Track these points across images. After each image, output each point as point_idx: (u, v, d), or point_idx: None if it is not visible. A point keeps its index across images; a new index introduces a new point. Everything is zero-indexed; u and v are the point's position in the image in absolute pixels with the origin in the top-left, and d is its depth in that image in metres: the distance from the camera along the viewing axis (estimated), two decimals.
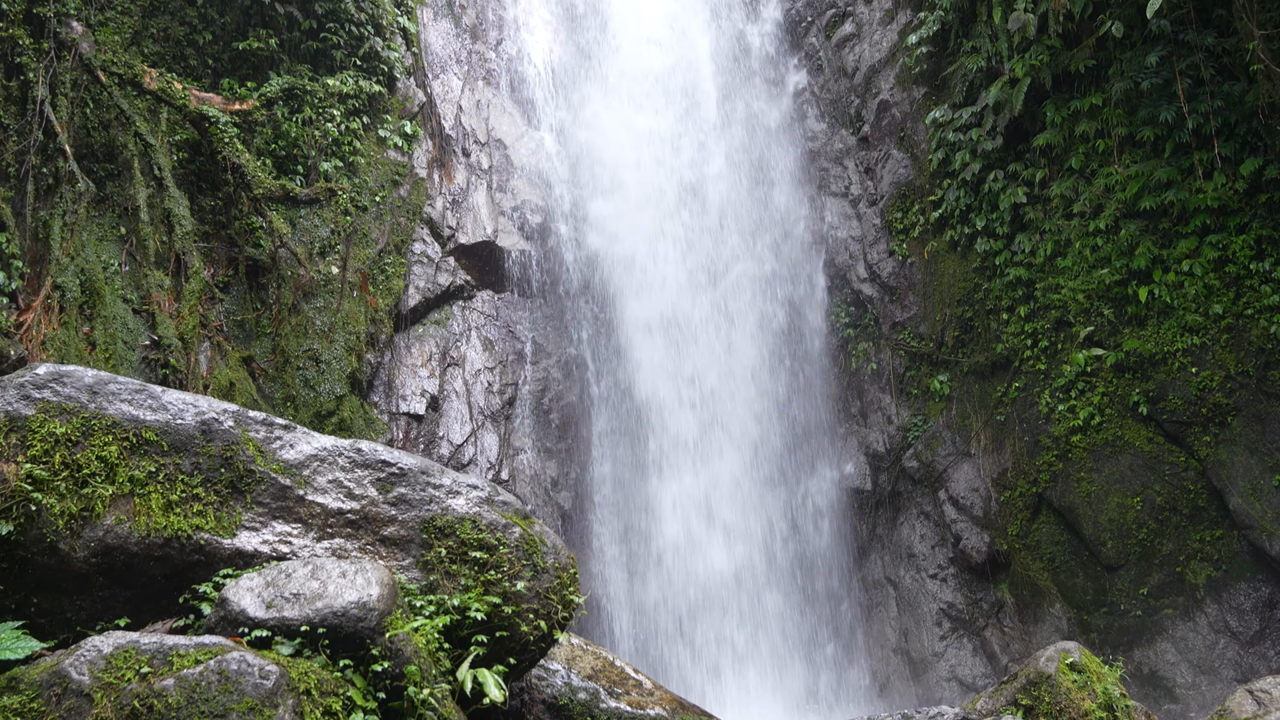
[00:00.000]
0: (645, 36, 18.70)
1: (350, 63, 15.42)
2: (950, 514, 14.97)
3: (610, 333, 16.76)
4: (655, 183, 17.56)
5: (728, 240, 17.50)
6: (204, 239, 13.43)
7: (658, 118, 18.08)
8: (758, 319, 17.10)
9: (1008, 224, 14.83)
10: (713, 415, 16.52)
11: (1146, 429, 13.06)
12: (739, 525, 16.02)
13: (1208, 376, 12.47)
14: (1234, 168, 12.50)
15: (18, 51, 12.18)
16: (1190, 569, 12.54)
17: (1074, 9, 13.59)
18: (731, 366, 16.79)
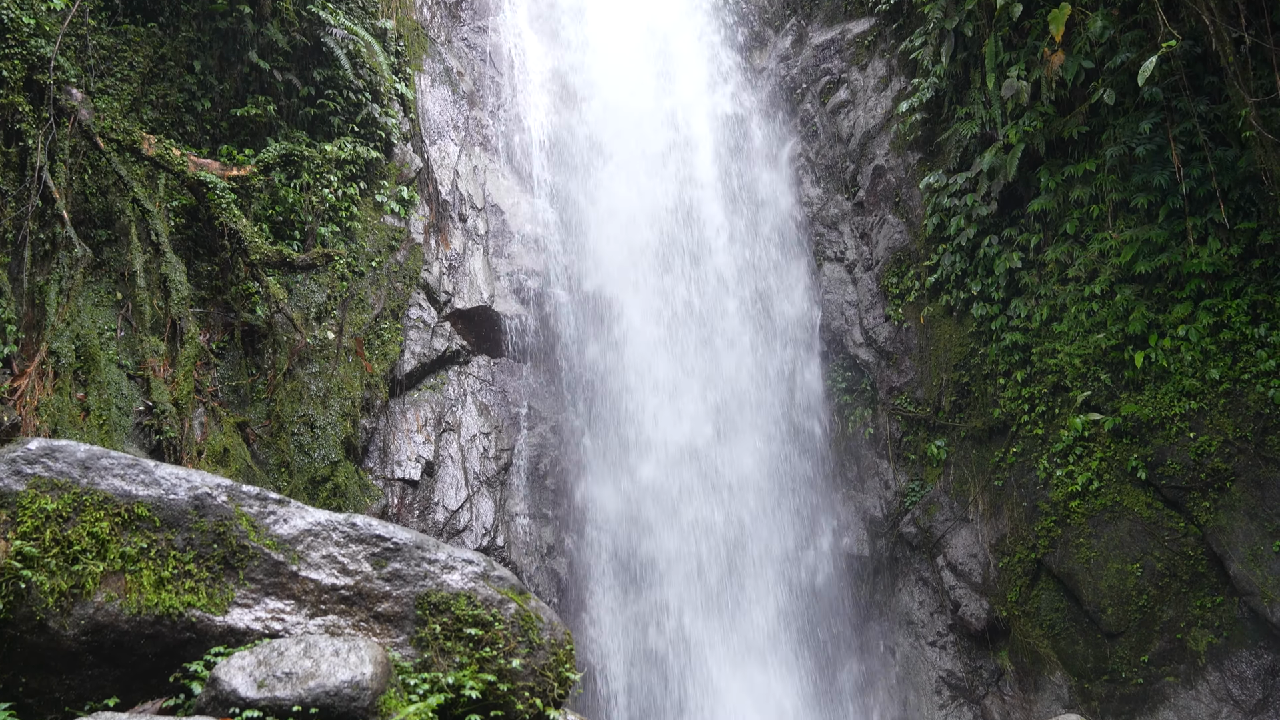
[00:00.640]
0: (640, 104, 18.86)
1: (348, 129, 15.52)
2: (949, 580, 14.85)
3: (605, 398, 16.74)
4: (650, 248, 17.63)
5: (723, 305, 17.53)
6: (200, 304, 13.42)
7: (653, 184, 18.18)
8: (754, 383, 17.09)
9: (1003, 289, 14.86)
10: (708, 482, 16.45)
11: (1145, 494, 13.00)
12: (736, 594, 15.90)
13: (1206, 441, 12.43)
14: (1228, 233, 12.55)
15: (17, 118, 12.23)
16: (1191, 636, 12.42)
17: (1066, 76, 13.71)
18: (727, 433, 16.75)
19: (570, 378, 16.74)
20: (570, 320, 16.97)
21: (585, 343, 16.98)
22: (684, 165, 18.54)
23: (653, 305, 17.24)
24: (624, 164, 18.35)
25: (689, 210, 18.13)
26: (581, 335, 16.99)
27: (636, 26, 19.98)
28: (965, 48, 15.64)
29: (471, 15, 19.21)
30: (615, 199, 17.95)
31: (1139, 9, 13.28)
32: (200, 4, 14.26)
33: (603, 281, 17.36)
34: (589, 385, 16.80)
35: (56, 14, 12.86)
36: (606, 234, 17.71)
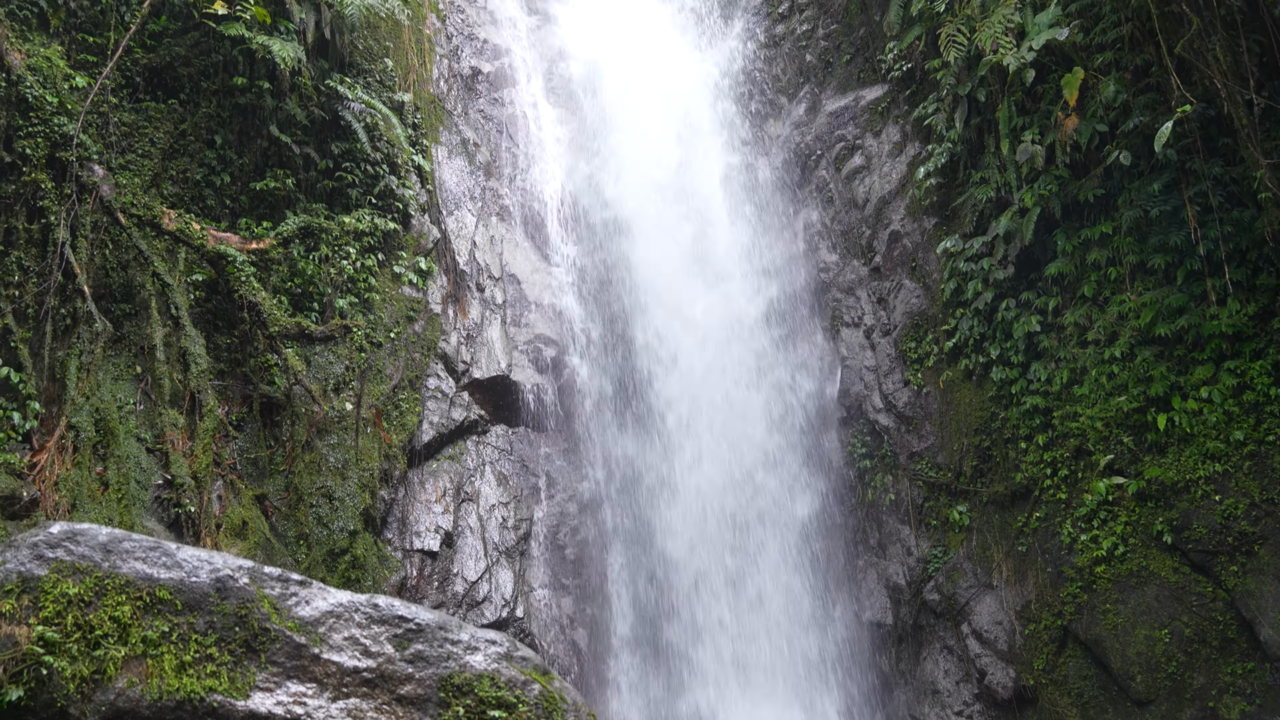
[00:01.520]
0: (656, 176, 19.01)
1: (366, 201, 15.64)
2: (974, 648, 14.65)
3: (624, 467, 16.70)
4: (666, 318, 17.68)
5: (740, 373, 17.53)
6: (219, 377, 13.47)
7: (668, 254, 18.26)
8: (773, 452, 17.03)
9: (1022, 352, 14.80)
10: (728, 551, 16.35)
11: (1172, 558, 12.83)
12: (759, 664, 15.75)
13: (1232, 504, 12.29)
14: (1247, 293, 12.50)
15: (40, 195, 12.37)
16: (1223, 704, 12.19)
17: (1080, 140, 13.74)
18: (747, 501, 16.67)
19: (589, 447, 16.71)
20: (588, 389, 16.97)
21: (603, 411, 16.96)
22: (700, 233, 18.63)
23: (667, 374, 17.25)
24: (641, 232, 18.45)
25: (707, 281, 18.19)
26: (598, 402, 16.98)
27: (651, 96, 20.18)
28: (979, 113, 15.72)
29: (487, 87, 19.43)
30: (630, 268, 18.04)
31: (1151, 72, 13.35)
32: (221, 81, 14.45)
33: (621, 352, 17.37)
34: (607, 455, 16.76)
35: (79, 92, 13.05)
36: (621, 303, 17.76)
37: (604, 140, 19.50)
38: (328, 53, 15.79)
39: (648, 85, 20.29)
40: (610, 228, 18.51)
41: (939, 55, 15.97)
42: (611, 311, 17.79)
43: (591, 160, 19.27)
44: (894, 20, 17.51)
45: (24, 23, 13.10)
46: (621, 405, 17.16)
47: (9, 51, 12.37)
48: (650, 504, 16.57)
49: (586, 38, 21.22)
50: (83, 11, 13.66)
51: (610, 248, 18.32)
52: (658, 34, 21.67)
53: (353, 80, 16.06)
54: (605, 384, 17.17)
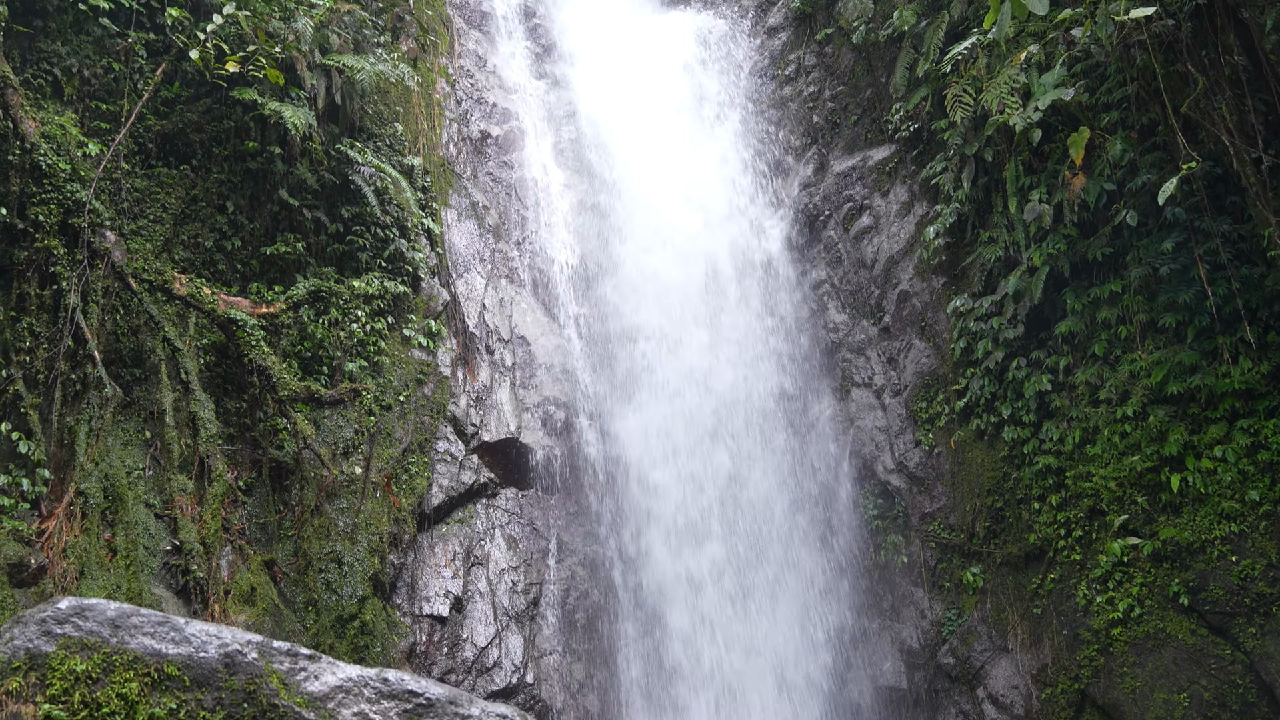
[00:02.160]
0: (664, 237, 19.08)
1: (376, 264, 15.69)
2: (990, 713, 14.45)
3: (634, 530, 16.60)
4: (675, 378, 17.67)
5: (749, 435, 17.47)
6: (228, 441, 13.45)
7: (677, 314, 18.28)
8: (783, 514, 16.93)
9: (1034, 412, 14.73)
10: (739, 616, 16.20)
11: (1189, 620, 12.67)
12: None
13: (1249, 565, 12.16)
14: (1259, 351, 12.45)
15: (52, 262, 12.42)
16: None
17: (1088, 199, 13.77)
18: (756, 563, 16.54)
19: (599, 510, 16.63)
20: (598, 452, 16.92)
21: (613, 473, 16.90)
22: (708, 292, 18.65)
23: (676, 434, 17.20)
24: (649, 293, 18.47)
25: (714, 340, 18.19)
26: (608, 466, 16.92)
27: (660, 157, 20.30)
28: (986, 172, 15.77)
29: (497, 151, 19.57)
30: (639, 328, 18.06)
31: (1158, 131, 13.40)
32: (232, 146, 14.56)
33: (629, 409, 17.35)
34: (616, 518, 16.67)
35: (92, 159, 13.15)
36: (630, 363, 17.77)
37: (612, 202, 19.59)
38: (338, 118, 15.91)
39: (656, 147, 20.42)
40: (619, 289, 18.55)
41: (945, 115, 16.06)
42: (619, 373, 17.78)
43: (600, 222, 19.34)
44: (900, 81, 17.63)
45: (39, 91, 13.24)
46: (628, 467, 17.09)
47: (24, 120, 12.48)
48: (661, 567, 16.44)
49: (595, 100, 21.39)
50: (96, 80, 13.80)
51: (619, 308, 18.33)
52: (665, 96, 21.83)
53: (363, 145, 16.17)
54: (613, 447, 17.12)
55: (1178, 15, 12.44)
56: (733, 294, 18.78)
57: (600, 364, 17.82)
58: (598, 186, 19.85)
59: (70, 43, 13.56)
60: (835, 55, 20.41)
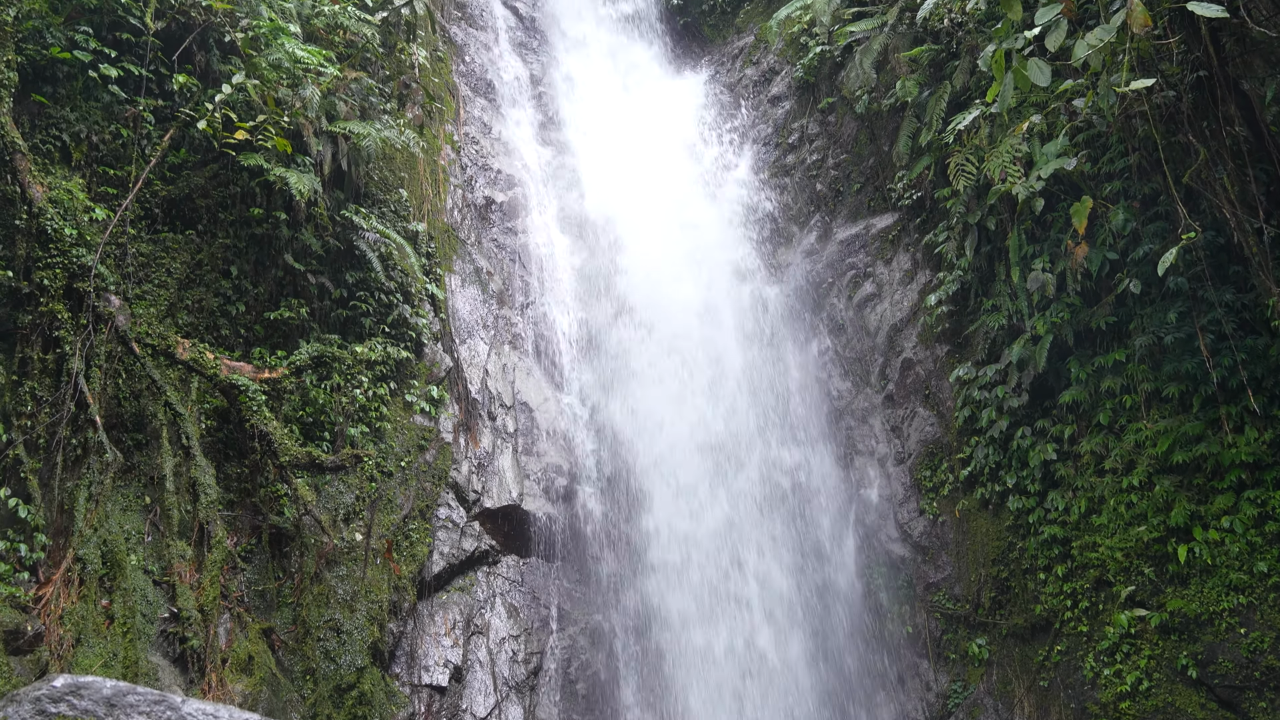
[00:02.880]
0: (667, 304, 19.11)
1: (379, 330, 15.70)
2: None
3: (636, 600, 16.46)
4: (677, 445, 17.62)
5: (752, 503, 17.39)
6: (228, 507, 13.37)
7: (679, 381, 18.28)
8: (788, 585, 16.80)
9: (1039, 481, 14.66)
10: (743, 686, 16.02)
11: (1198, 694, 12.51)
12: None
13: (1258, 638, 12.02)
14: (1264, 421, 12.41)
15: (56, 326, 12.42)
16: None
17: (1091, 268, 13.81)
18: (760, 636, 16.38)
19: (599, 577, 16.50)
20: (600, 520, 16.83)
21: (616, 543, 16.79)
22: (710, 361, 18.65)
23: (680, 501, 17.13)
24: (652, 361, 18.48)
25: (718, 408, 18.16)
26: (612, 536, 16.81)
27: (663, 224, 20.41)
28: (989, 241, 15.83)
29: (501, 217, 19.66)
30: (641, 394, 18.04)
31: (1160, 201, 13.46)
32: (238, 211, 14.63)
33: (630, 477, 17.28)
34: (618, 587, 16.53)
35: (98, 224, 13.20)
36: (632, 429, 17.73)
37: (615, 269, 19.65)
38: (344, 184, 16.00)
39: (660, 214, 20.53)
40: (622, 355, 18.55)
41: (948, 184, 16.16)
42: (622, 438, 17.73)
43: (603, 288, 19.39)
44: (903, 150, 17.75)
45: (47, 156, 13.32)
46: (628, 535, 16.98)
47: (31, 185, 12.54)
48: (663, 636, 16.27)
49: (599, 167, 21.53)
50: (104, 145, 13.88)
51: (622, 374, 18.32)
52: (668, 163, 21.99)
53: (368, 210, 16.25)
54: (615, 515, 17.02)
55: (1179, 87, 12.53)
56: (736, 362, 18.78)
57: (602, 430, 17.78)
58: (601, 253, 19.93)
59: (79, 109, 13.67)
60: (838, 124, 20.58)
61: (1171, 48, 12.27)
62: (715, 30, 26.46)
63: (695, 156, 22.45)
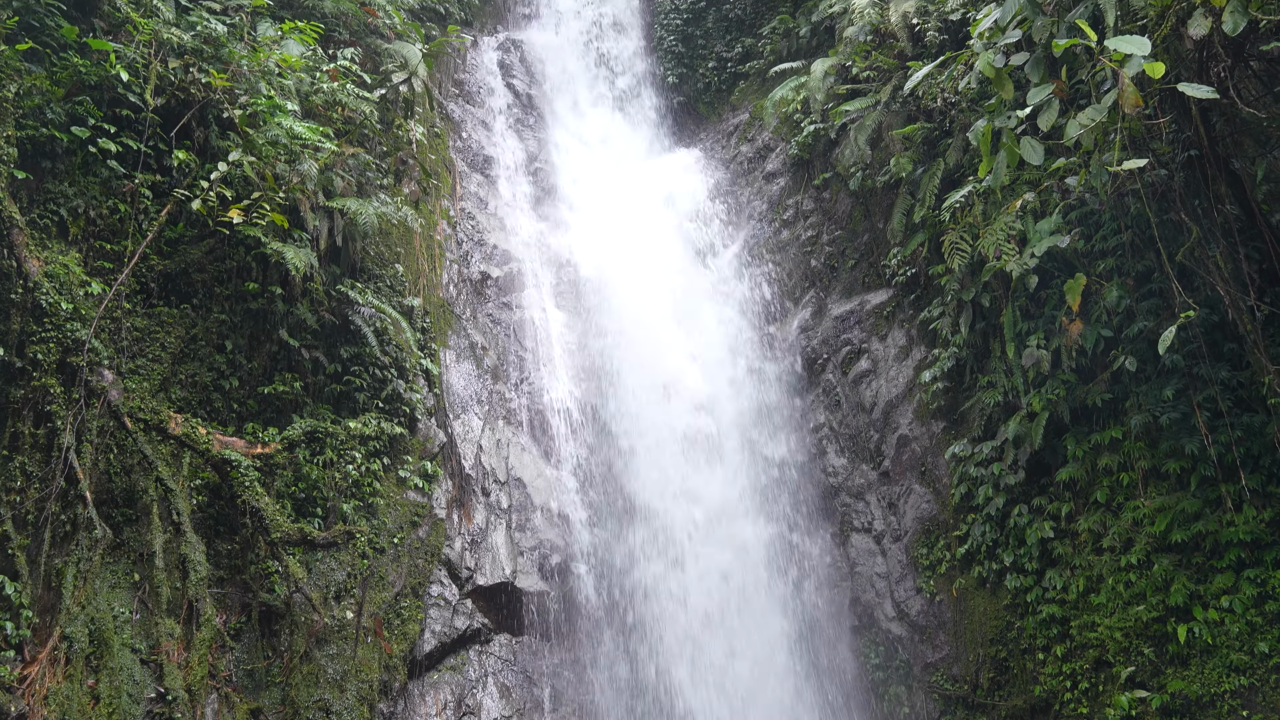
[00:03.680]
0: (663, 380, 19.11)
1: (373, 404, 15.65)
2: None
3: (630, 680, 16.25)
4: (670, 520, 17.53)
5: (748, 582, 17.25)
6: (218, 584, 13.22)
7: (676, 455, 18.22)
8: (783, 663, 16.60)
9: (1036, 559, 14.53)
10: None
11: None
12: None
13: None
14: (1263, 499, 12.34)
15: (48, 400, 12.36)
16: None
17: (1086, 345, 13.81)
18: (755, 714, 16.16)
19: (593, 655, 16.29)
20: (593, 599, 16.66)
21: (610, 622, 16.61)
22: (705, 436, 18.60)
23: (676, 580, 16.98)
24: (646, 436, 18.43)
25: (716, 486, 18.08)
26: (606, 615, 16.64)
27: (659, 301, 20.47)
28: (983, 317, 15.85)
29: (496, 292, 19.71)
30: (638, 472, 17.97)
31: (1153, 279, 13.50)
32: (234, 286, 14.63)
33: (625, 555, 17.15)
34: (611, 665, 16.33)
35: (94, 298, 13.18)
36: (628, 508, 17.63)
37: (611, 345, 19.66)
38: (340, 259, 16.05)
39: (656, 290, 20.60)
40: (616, 431, 18.50)
41: (943, 261, 16.21)
42: (615, 514, 17.62)
43: (598, 364, 19.38)
44: (897, 227, 17.84)
45: (44, 231, 13.33)
46: (624, 614, 16.82)
47: (28, 259, 12.55)
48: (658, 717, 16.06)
49: (594, 243, 21.63)
50: (101, 220, 13.91)
51: (616, 450, 18.26)
52: (664, 239, 22.10)
53: (364, 285, 16.27)
54: (609, 593, 16.87)
55: (1170, 166, 12.64)
56: (731, 438, 18.73)
57: (596, 507, 17.67)
58: (596, 329, 19.95)
59: (78, 184, 13.71)
60: (833, 200, 20.71)
61: (1162, 127, 12.40)
62: (710, 108, 26.74)
63: (691, 232, 22.55)
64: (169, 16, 15.12)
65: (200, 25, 15.05)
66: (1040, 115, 10.43)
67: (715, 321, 20.44)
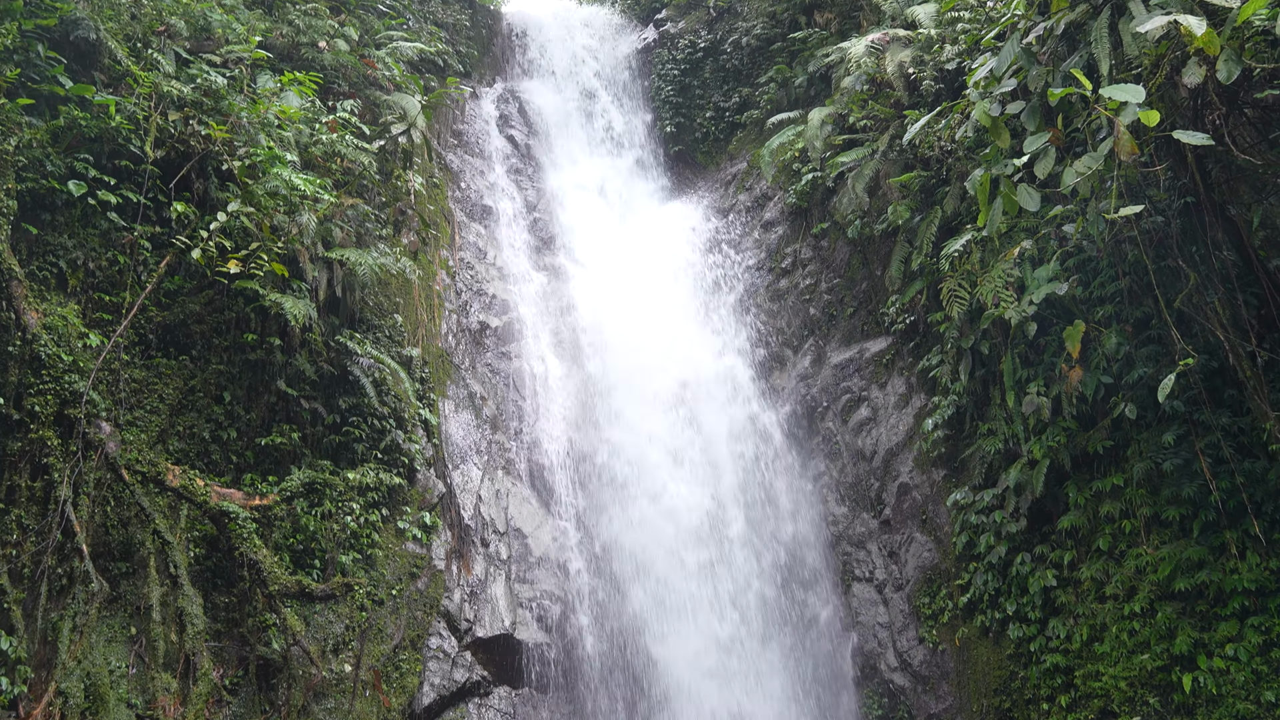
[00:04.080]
0: (661, 429, 19.08)
1: (371, 455, 15.61)
2: None
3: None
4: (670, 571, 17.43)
5: (749, 633, 17.12)
6: (215, 637, 13.12)
7: (676, 503, 18.14)
8: (787, 717, 16.43)
9: (1039, 608, 14.41)
10: None
11: None
12: None
13: None
14: (1267, 546, 12.25)
15: (45, 453, 12.32)
16: None
17: (1086, 391, 13.77)
18: None
19: (594, 707, 16.14)
20: (594, 651, 16.53)
21: (611, 674, 16.47)
22: (704, 485, 18.53)
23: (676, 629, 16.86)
24: (646, 487, 18.37)
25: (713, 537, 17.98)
26: (607, 667, 16.50)
27: (658, 350, 20.46)
28: (983, 365, 15.84)
29: (495, 341, 19.71)
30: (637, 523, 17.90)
31: (1152, 325, 13.49)
32: (232, 337, 14.64)
33: (626, 607, 17.04)
34: (612, 716, 16.18)
35: (92, 350, 13.18)
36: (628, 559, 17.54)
37: (610, 394, 19.64)
38: (339, 309, 16.06)
39: (654, 338, 20.60)
40: (615, 480, 18.44)
41: (941, 308, 16.21)
42: (615, 565, 17.52)
43: (597, 413, 19.35)
44: (895, 275, 17.87)
45: (43, 283, 13.35)
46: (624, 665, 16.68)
47: (26, 311, 12.56)
48: None
49: (593, 293, 21.68)
50: (100, 272, 13.94)
51: (615, 499, 18.20)
52: (663, 288, 22.14)
53: (363, 335, 16.28)
54: (610, 645, 16.74)
55: (1167, 212, 12.68)
56: (731, 487, 18.64)
57: (596, 557, 17.58)
58: (596, 378, 19.94)
59: (77, 235, 13.75)
60: (831, 249, 20.77)
61: (1159, 174, 12.44)
62: (708, 157, 26.90)
63: (689, 281, 22.60)
64: (169, 69, 15.24)
65: (200, 78, 15.16)
66: (1037, 163, 10.48)
67: (714, 370, 20.42)
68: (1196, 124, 11.24)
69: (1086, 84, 9.66)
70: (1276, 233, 12.62)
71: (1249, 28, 9.90)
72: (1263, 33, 10.14)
